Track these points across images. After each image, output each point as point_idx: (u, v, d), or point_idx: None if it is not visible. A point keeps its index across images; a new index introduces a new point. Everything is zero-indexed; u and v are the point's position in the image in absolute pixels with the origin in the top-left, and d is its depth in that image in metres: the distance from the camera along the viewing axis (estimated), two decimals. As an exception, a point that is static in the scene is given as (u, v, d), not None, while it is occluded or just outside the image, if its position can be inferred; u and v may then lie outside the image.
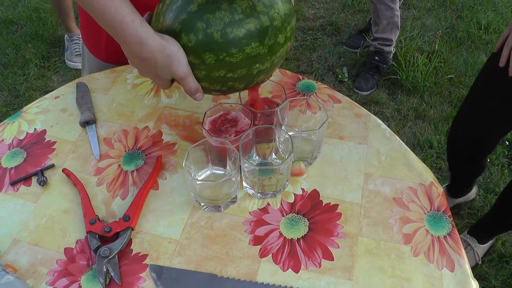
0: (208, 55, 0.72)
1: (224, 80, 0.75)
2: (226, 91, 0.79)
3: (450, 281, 0.71)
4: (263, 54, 0.74)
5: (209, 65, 0.73)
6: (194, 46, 0.72)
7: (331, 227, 0.78)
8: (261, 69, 0.76)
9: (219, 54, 0.71)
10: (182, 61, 0.72)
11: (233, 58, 0.72)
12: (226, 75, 0.74)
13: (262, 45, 0.73)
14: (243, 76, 0.75)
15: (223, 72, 0.74)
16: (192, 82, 0.75)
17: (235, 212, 0.80)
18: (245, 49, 0.72)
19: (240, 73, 0.74)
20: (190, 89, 0.76)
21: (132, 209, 0.78)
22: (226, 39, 0.71)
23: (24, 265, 0.74)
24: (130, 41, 0.69)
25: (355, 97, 2.40)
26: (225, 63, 0.72)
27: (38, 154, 0.90)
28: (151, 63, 0.72)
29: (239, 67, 0.73)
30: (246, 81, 0.77)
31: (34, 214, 0.81)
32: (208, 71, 0.74)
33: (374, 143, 0.90)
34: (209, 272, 0.73)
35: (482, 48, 2.67)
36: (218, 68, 0.73)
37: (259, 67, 0.75)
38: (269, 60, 0.76)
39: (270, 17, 0.73)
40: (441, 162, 2.06)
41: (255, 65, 0.75)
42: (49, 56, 2.66)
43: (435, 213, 0.79)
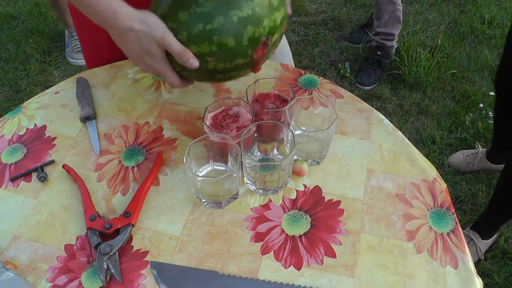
0: (181, 14, 0.73)
1: (207, 35, 0.74)
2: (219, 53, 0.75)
3: (454, 278, 0.70)
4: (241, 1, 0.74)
5: (185, 23, 0.73)
6: (167, 11, 0.74)
7: (333, 223, 0.77)
8: (241, 16, 0.74)
9: (189, 8, 0.73)
10: (159, 23, 0.73)
11: (203, 8, 0.73)
12: (205, 27, 0.73)
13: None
14: (224, 26, 0.73)
15: (201, 26, 0.73)
16: (176, 42, 0.74)
17: (236, 209, 0.79)
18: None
19: (218, 21, 0.73)
20: (176, 50, 0.74)
21: (132, 205, 0.78)
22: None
23: (24, 261, 0.74)
24: (104, 11, 0.72)
25: (357, 92, 2.39)
26: (198, 15, 0.73)
27: (38, 150, 0.90)
28: (131, 36, 0.73)
29: (213, 15, 0.73)
30: (233, 33, 0.74)
31: (34, 210, 0.80)
32: (187, 30, 0.74)
33: (377, 138, 0.89)
34: (210, 269, 0.72)
35: (485, 43, 2.65)
36: (194, 22, 0.73)
37: (237, 13, 0.73)
38: (245, 5, 0.74)
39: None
40: (443, 158, 2.05)
41: (230, 11, 0.73)
42: (50, 51, 2.65)
43: (439, 209, 0.79)
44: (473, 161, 1.96)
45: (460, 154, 2.02)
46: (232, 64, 0.77)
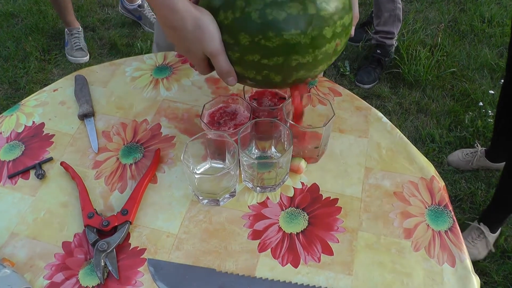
0: (243, 36, 0.67)
1: (258, 66, 0.70)
2: (261, 82, 0.74)
3: (451, 276, 0.70)
4: (304, 45, 0.68)
5: (244, 47, 0.68)
6: (230, 24, 0.67)
7: (330, 221, 0.77)
8: (301, 62, 0.69)
9: (254, 35, 0.66)
10: (214, 35, 0.68)
11: (269, 42, 0.66)
12: (261, 60, 0.69)
13: (304, 34, 0.67)
14: (280, 66, 0.69)
15: (257, 57, 0.68)
16: (224, 61, 0.70)
17: (234, 206, 0.79)
18: (284, 34, 0.66)
19: (276, 61, 0.69)
20: (221, 68, 0.71)
21: (130, 202, 0.78)
22: (264, 20, 0.65)
23: (22, 259, 0.74)
24: (161, 3, 0.66)
25: (357, 90, 2.39)
26: (260, 46, 0.67)
27: (36, 147, 0.90)
28: (181, 33, 0.68)
29: (275, 53, 0.68)
30: (283, 73, 0.71)
31: (32, 208, 0.80)
32: (242, 53, 0.69)
33: (375, 136, 0.89)
34: (207, 266, 0.72)
35: (485, 41, 2.65)
36: (253, 51, 0.68)
37: (298, 59, 0.69)
38: (311, 53, 0.69)
39: (317, 6, 0.66)
40: (443, 156, 2.05)
41: (294, 55, 0.68)
42: (49, 49, 2.65)
43: (436, 207, 0.79)
44: (472, 160, 1.97)
45: (459, 153, 2.02)
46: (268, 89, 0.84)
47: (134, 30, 2.78)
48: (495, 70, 2.46)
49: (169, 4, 0.66)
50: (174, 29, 0.68)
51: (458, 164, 2.01)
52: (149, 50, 2.62)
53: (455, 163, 2.01)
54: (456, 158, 2.01)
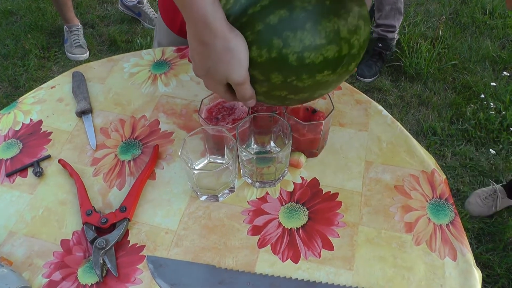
0: (276, 75, 0.65)
1: (283, 99, 0.70)
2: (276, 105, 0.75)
3: (453, 270, 0.70)
4: (331, 81, 0.68)
5: (273, 84, 0.66)
6: (263, 62, 0.64)
7: (331, 216, 0.76)
8: (323, 93, 0.71)
9: (288, 76, 0.65)
10: (243, 63, 0.64)
11: (301, 83, 0.66)
12: (288, 96, 0.69)
13: (334, 73, 0.67)
14: (304, 99, 0.71)
15: (284, 93, 0.68)
16: (249, 90, 0.67)
17: (233, 202, 0.78)
18: (317, 76, 0.66)
19: (302, 96, 0.69)
20: (244, 96, 0.68)
21: (128, 199, 0.77)
22: (300, 63, 0.64)
23: (20, 257, 0.73)
24: (195, 17, 0.61)
25: (358, 84, 2.38)
26: (291, 86, 0.66)
27: (34, 145, 0.89)
28: (209, 50, 0.63)
29: (303, 91, 0.68)
30: (304, 102, 0.73)
31: (30, 206, 0.80)
32: (270, 89, 0.68)
33: (375, 130, 0.88)
34: (207, 263, 0.72)
35: (486, 33, 2.63)
36: (282, 89, 0.67)
37: (322, 92, 0.71)
38: (334, 85, 0.71)
39: (350, 45, 0.66)
40: (444, 149, 2.04)
41: (319, 90, 0.69)
42: (49, 47, 2.64)
43: (437, 201, 0.78)
44: (494, 204, 1.79)
45: (476, 198, 1.82)
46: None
47: (133, 26, 2.77)
48: (496, 62, 2.45)
49: (205, 20, 0.61)
50: (203, 44, 0.63)
51: (481, 212, 1.81)
52: (149, 46, 2.61)
53: (477, 212, 1.81)
54: (476, 207, 1.81)
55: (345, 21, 0.64)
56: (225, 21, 0.62)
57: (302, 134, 0.78)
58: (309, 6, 0.62)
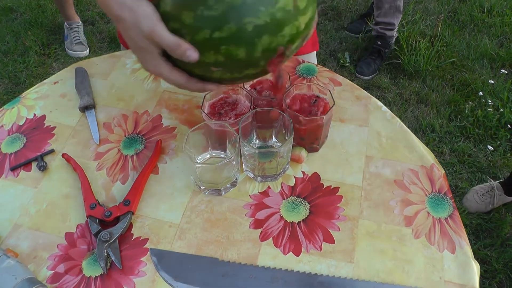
0: (185, 14, 0.61)
1: (213, 43, 0.62)
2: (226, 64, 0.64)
3: (451, 263, 0.71)
4: (252, 3, 0.60)
5: (189, 26, 0.62)
6: (171, 8, 0.62)
7: (331, 210, 0.77)
8: (257, 24, 0.61)
9: (195, 8, 0.60)
10: (150, 13, 0.63)
11: (213, 11, 0.60)
12: (213, 34, 0.61)
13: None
14: (235, 34, 0.61)
15: (208, 32, 0.61)
16: (166, 36, 0.62)
17: (235, 196, 0.79)
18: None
19: (229, 30, 0.61)
20: (168, 43, 0.63)
21: (132, 193, 0.78)
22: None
23: (25, 250, 0.74)
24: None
25: (357, 81, 2.39)
26: (204, 18, 0.60)
27: (38, 140, 0.90)
28: (122, 23, 0.64)
29: (223, 21, 0.60)
30: (244, 43, 0.62)
31: (34, 199, 0.81)
32: (191, 34, 0.62)
33: (375, 125, 0.89)
34: (209, 256, 0.73)
35: (485, 31, 2.65)
36: (200, 27, 0.61)
37: (252, 21, 0.60)
38: (264, 11, 0.60)
39: None
40: (443, 146, 2.05)
41: (244, 18, 0.60)
42: (49, 44, 2.65)
43: (436, 195, 0.79)
44: (491, 201, 1.82)
45: (474, 195, 1.86)
46: (241, 74, 0.68)
47: (133, 23, 2.77)
48: (494, 59, 2.46)
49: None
50: (117, 21, 0.65)
51: (478, 208, 1.84)
52: (149, 43, 2.61)
53: (474, 208, 1.84)
54: (474, 203, 1.85)
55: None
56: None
57: (303, 125, 0.79)
58: None
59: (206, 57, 0.64)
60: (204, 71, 0.66)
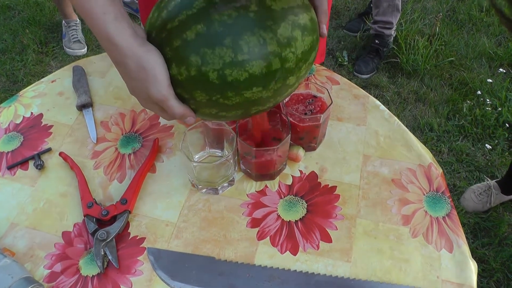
0: (199, 94, 0.60)
1: (216, 116, 0.65)
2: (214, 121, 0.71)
3: (449, 262, 0.71)
4: (266, 98, 0.62)
5: (200, 103, 0.62)
6: (184, 80, 0.60)
7: (329, 209, 0.77)
8: (261, 109, 0.65)
9: (212, 95, 0.60)
10: (160, 80, 0.58)
11: (228, 101, 0.61)
12: (219, 113, 0.64)
13: (266, 90, 0.61)
14: (238, 115, 0.65)
15: (214, 111, 0.63)
16: (175, 106, 0.61)
17: (232, 195, 0.79)
18: (244, 93, 0.60)
19: (235, 114, 0.64)
20: (174, 114, 0.62)
21: (129, 192, 0.78)
22: (222, 81, 0.58)
23: (22, 248, 0.74)
24: (99, 36, 0.58)
25: (355, 80, 2.39)
26: (218, 104, 0.61)
27: (35, 138, 0.90)
28: (124, 70, 0.60)
29: (234, 109, 0.62)
30: (242, 118, 0.68)
31: (31, 198, 0.81)
32: (197, 106, 0.63)
33: (373, 124, 0.89)
34: (206, 255, 0.72)
35: (483, 30, 2.64)
36: (210, 107, 0.62)
37: (258, 108, 0.65)
38: (272, 101, 0.64)
39: (282, 59, 0.60)
40: (441, 145, 2.05)
41: (254, 107, 0.64)
42: (47, 42, 2.64)
43: (434, 194, 0.79)
44: (489, 200, 1.79)
45: (471, 194, 1.83)
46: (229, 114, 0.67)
47: (131, 21, 2.77)
48: (493, 59, 2.46)
49: (107, 36, 0.57)
50: (118, 64, 0.60)
51: (475, 208, 1.81)
52: (147, 41, 2.60)
53: (472, 207, 1.82)
54: (471, 202, 1.82)
55: (273, 33, 0.58)
56: (133, 37, 0.58)
57: (301, 124, 0.79)
58: (229, 19, 0.57)
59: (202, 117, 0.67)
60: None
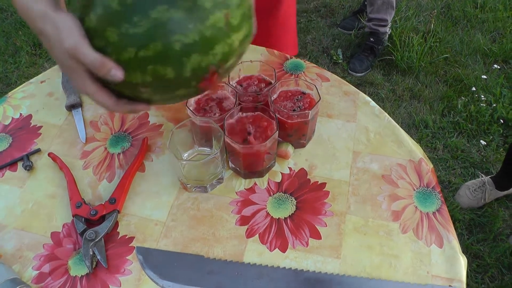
0: (110, 31, 0.56)
1: (140, 63, 0.58)
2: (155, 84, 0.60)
3: (439, 257, 0.70)
4: (179, 20, 0.55)
5: (114, 44, 0.57)
6: (95, 25, 0.57)
7: (318, 205, 0.77)
8: (185, 42, 0.56)
9: (120, 26, 0.56)
10: (72, 29, 0.57)
11: (137, 28, 0.55)
12: (138, 53, 0.57)
13: (174, 8, 0.55)
14: (162, 53, 0.57)
15: (133, 51, 0.57)
16: (90, 53, 0.57)
17: (221, 193, 0.79)
18: (150, 14, 0.55)
19: (155, 48, 0.56)
20: (92, 60, 0.57)
21: (118, 191, 0.78)
22: (124, 5, 0.55)
23: (10, 250, 0.74)
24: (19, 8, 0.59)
25: (350, 78, 2.38)
26: (129, 36, 0.56)
27: (24, 139, 0.89)
28: (45, 38, 0.59)
29: (149, 39, 0.56)
30: (172, 62, 0.58)
31: (20, 199, 0.80)
32: (116, 53, 0.57)
33: (363, 120, 0.89)
34: (195, 253, 0.72)
35: (478, 27, 2.64)
36: (125, 45, 0.56)
37: (180, 39, 0.56)
38: (193, 29, 0.56)
39: None
40: (436, 142, 2.05)
41: (172, 36, 0.56)
42: (40, 44, 2.63)
43: (424, 189, 0.79)
44: (483, 196, 1.81)
45: (466, 191, 1.85)
46: (172, 95, 0.63)
47: (125, 22, 2.77)
48: (487, 55, 2.46)
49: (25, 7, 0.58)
50: (40, 35, 0.59)
51: (470, 204, 1.84)
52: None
53: (466, 204, 1.84)
54: (465, 199, 1.84)
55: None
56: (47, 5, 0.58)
57: (289, 120, 0.78)
58: None
59: (133, 77, 0.59)
60: (133, 91, 0.62)
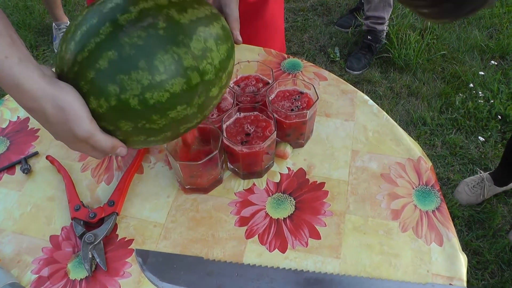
0: (124, 123, 0.59)
1: (145, 143, 0.64)
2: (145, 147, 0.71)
3: (439, 255, 0.70)
4: (192, 114, 0.62)
5: (126, 132, 0.60)
6: (105, 112, 0.57)
7: (317, 205, 0.77)
8: (190, 126, 0.65)
9: (137, 122, 0.58)
10: (82, 116, 0.56)
11: (154, 125, 0.59)
12: (148, 139, 0.62)
13: (191, 106, 0.60)
14: (168, 137, 0.64)
15: (143, 137, 0.62)
16: (103, 140, 0.59)
17: (220, 194, 0.79)
18: (169, 114, 0.59)
19: (164, 136, 0.63)
20: (103, 148, 0.60)
21: (116, 193, 0.77)
22: (145, 106, 0.57)
23: (9, 254, 0.73)
24: (6, 84, 0.53)
25: (347, 76, 2.38)
26: (145, 129, 0.60)
27: (22, 142, 0.89)
28: (41, 116, 0.56)
29: (162, 131, 0.61)
30: (172, 139, 0.66)
31: (18, 203, 0.80)
32: (125, 136, 0.61)
33: (361, 119, 0.89)
34: (195, 255, 0.72)
35: (474, 23, 2.64)
36: (137, 134, 0.61)
37: (187, 126, 0.64)
38: (200, 116, 0.64)
39: (200, 72, 0.59)
40: (434, 139, 2.05)
41: (182, 125, 0.63)
42: (37, 45, 2.63)
43: (424, 187, 0.79)
44: (482, 192, 1.81)
45: (465, 187, 1.84)
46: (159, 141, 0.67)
47: (122, 23, 2.76)
48: (485, 51, 2.46)
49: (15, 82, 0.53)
50: (32, 112, 0.56)
51: (469, 201, 1.83)
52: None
53: (465, 200, 1.83)
54: (464, 195, 1.83)
55: (187, 47, 0.58)
56: (42, 78, 0.54)
57: (287, 120, 0.78)
58: (140, 40, 0.56)
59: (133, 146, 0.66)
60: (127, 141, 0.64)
